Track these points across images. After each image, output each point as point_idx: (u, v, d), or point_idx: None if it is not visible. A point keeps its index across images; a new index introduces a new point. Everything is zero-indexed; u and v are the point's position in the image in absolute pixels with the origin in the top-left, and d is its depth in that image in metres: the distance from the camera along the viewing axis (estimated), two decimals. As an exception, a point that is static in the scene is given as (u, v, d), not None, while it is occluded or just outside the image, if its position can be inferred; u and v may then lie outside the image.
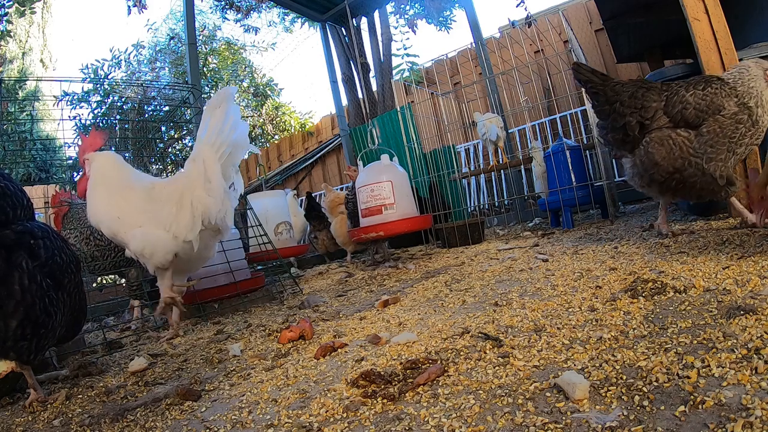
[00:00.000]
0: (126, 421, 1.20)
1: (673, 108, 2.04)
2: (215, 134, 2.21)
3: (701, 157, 1.98)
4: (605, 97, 2.20)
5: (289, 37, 11.81)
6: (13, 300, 1.28)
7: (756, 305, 1.05)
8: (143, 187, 2.24)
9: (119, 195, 2.18)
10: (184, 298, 2.97)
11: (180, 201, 2.18)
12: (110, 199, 2.17)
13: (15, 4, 6.56)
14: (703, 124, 1.99)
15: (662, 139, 2.05)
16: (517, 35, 6.63)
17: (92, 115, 8.12)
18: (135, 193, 2.20)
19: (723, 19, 2.41)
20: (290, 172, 10.45)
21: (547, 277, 1.94)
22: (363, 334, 1.62)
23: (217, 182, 2.18)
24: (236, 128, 2.26)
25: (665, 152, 2.03)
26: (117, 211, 2.15)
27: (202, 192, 2.16)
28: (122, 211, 2.16)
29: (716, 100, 1.97)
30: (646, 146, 2.10)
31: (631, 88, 2.16)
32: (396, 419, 0.91)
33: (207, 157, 2.19)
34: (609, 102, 2.19)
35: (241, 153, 2.33)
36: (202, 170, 2.18)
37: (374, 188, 3.37)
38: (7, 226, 1.36)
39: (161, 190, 2.23)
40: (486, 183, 7.13)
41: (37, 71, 14.07)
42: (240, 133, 2.28)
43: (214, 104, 2.25)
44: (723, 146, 1.96)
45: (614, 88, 2.19)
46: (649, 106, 2.09)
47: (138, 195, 2.20)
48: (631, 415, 0.75)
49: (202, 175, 2.18)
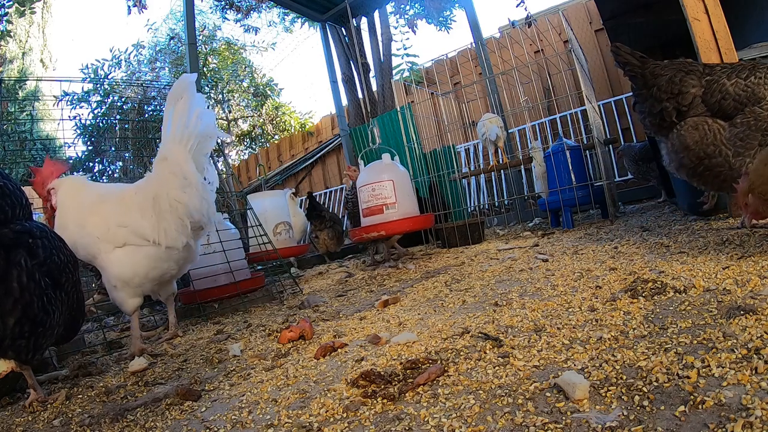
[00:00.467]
0: (126, 421, 1.20)
1: (711, 97, 1.97)
2: (181, 129, 2.05)
3: (730, 150, 1.91)
4: (643, 81, 2.13)
5: (289, 37, 11.83)
6: (12, 298, 1.28)
7: (756, 305, 1.05)
8: (115, 197, 2.08)
9: (91, 212, 2.02)
10: (184, 298, 2.99)
11: (155, 207, 2.03)
12: (84, 219, 2.00)
13: (15, 4, 6.56)
14: (738, 115, 1.91)
15: (697, 124, 1.99)
16: (517, 35, 6.63)
17: (92, 115, 8.12)
18: (108, 206, 2.04)
19: (723, 19, 2.41)
20: (290, 172, 10.46)
21: (547, 277, 1.94)
22: (363, 334, 1.62)
23: (193, 179, 2.03)
24: (202, 119, 2.09)
25: (698, 137, 1.98)
26: (94, 229, 1.98)
27: (179, 192, 2.02)
28: (99, 228, 1.98)
29: (758, 91, 1.88)
30: (679, 130, 2.04)
31: (669, 71, 2.07)
32: (396, 419, 0.91)
33: (177, 154, 2.03)
34: (647, 86, 2.12)
35: (210, 143, 2.18)
36: (175, 170, 2.03)
37: (375, 187, 3.37)
38: (6, 225, 1.36)
39: (132, 198, 2.07)
40: (486, 183, 7.12)
41: (37, 71, 14.07)
42: (206, 123, 2.13)
43: (175, 96, 2.07)
44: (754, 140, 1.88)
45: (653, 71, 2.11)
46: (687, 92, 2.01)
47: (112, 208, 2.04)
48: (631, 415, 0.75)
49: (175, 174, 2.02)
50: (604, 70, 6.89)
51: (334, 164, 9.89)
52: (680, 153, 2.05)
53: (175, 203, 2.01)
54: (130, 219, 2.02)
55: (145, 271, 2.02)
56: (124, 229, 1.99)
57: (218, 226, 2.95)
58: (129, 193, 2.10)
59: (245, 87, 11.55)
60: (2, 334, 1.28)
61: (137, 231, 2.00)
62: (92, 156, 7.17)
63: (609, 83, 6.88)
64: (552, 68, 6.42)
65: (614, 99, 6.39)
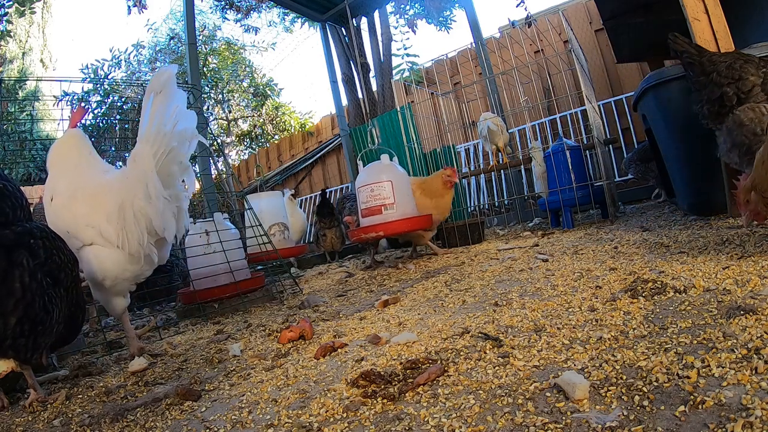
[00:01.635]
0: (126, 421, 1.20)
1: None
2: (156, 129, 1.88)
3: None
4: (701, 68, 2.15)
5: (289, 37, 11.82)
6: (14, 298, 1.29)
7: (756, 305, 1.05)
8: (89, 194, 1.91)
9: (64, 205, 1.87)
10: (185, 298, 2.99)
11: (119, 214, 1.89)
12: (62, 205, 1.86)
13: (15, 4, 6.56)
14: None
15: (753, 106, 2.01)
16: (517, 35, 6.62)
17: (92, 115, 8.12)
18: (79, 204, 1.88)
19: (723, 19, 2.41)
20: (290, 172, 10.46)
21: (547, 277, 1.94)
22: (363, 334, 1.62)
23: (154, 193, 1.87)
24: (180, 119, 1.93)
25: (753, 115, 1.99)
26: (64, 224, 1.84)
27: (143, 202, 1.87)
28: (69, 224, 1.85)
29: None
30: (735, 113, 2.06)
31: (728, 59, 2.11)
32: (396, 419, 0.91)
33: (144, 161, 1.86)
34: (705, 73, 2.14)
35: (188, 147, 2.03)
36: (140, 177, 1.87)
37: (374, 188, 3.37)
38: (7, 226, 1.37)
39: (104, 198, 1.91)
40: (486, 183, 7.12)
41: (37, 71, 14.07)
42: (185, 125, 1.97)
43: (154, 88, 1.89)
44: None
45: (711, 58, 2.15)
46: (747, 78, 2.04)
47: (82, 207, 1.87)
48: (631, 415, 0.75)
49: (141, 181, 1.87)
50: (604, 70, 6.88)
51: (334, 164, 9.89)
52: (734, 132, 2.05)
53: (140, 215, 1.89)
54: (97, 221, 1.88)
55: (114, 274, 1.90)
56: (91, 230, 1.88)
57: (218, 226, 2.95)
58: (102, 191, 1.93)
59: (245, 87, 11.55)
60: (3, 334, 1.29)
61: (103, 234, 1.88)
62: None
63: (609, 83, 6.88)
64: (552, 68, 6.42)
65: (614, 99, 6.39)
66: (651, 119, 3.07)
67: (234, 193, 6.09)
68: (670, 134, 2.83)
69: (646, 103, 3.00)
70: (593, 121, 4.07)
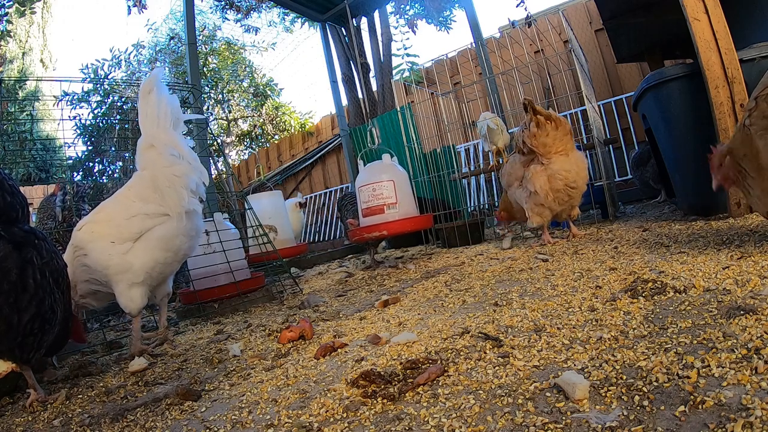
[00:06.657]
0: (126, 421, 1.20)
1: None
2: (159, 116, 2.08)
3: None
4: None
5: (289, 37, 11.77)
6: (28, 294, 1.29)
7: (756, 305, 1.05)
8: (111, 203, 2.09)
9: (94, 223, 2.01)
10: (184, 298, 2.99)
11: (156, 187, 2.05)
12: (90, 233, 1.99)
13: (15, 4, 6.56)
14: None
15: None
16: (517, 35, 6.62)
17: (92, 115, 8.12)
18: (109, 210, 2.05)
19: (723, 19, 2.41)
20: (290, 172, 10.46)
21: (547, 277, 1.94)
22: (363, 334, 1.62)
23: (184, 150, 2.10)
24: (169, 104, 2.11)
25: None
26: (103, 239, 1.96)
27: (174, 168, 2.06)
28: (110, 233, 1.97)
29: None
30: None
31: None
32: (396, 419, 0.91)
33: (162, 137, 2.07)
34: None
35: (180, 114, 2.21)
36: (163, 151, 2.07)
37: (376, 187, 3.37)
38: (15, 224, 1.37)
39: (128, 193, 2.08)
40: (486, 183, 7.12)
41: (37, 71, 14.08)
42: (172, 106, 2.14)
43: (145, 90, 2.11)
44: None
45: None
46: None
47: (114, 209, 2.04)
48: (631, 415, 0.75)
49: (164, 155, 2.07)
50: (604, 70, 6.88)
51: (334, 164, 9.89)
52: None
53: (174, 178, 2.06)
54: (136, 209, 2.04)
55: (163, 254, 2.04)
56: (134, 218, 2.01)
57: (218, 226, 2.95)
58: (122, 193, 2.11)
59: (245, 87, 11.54)
60: (16, 330, 1.28)
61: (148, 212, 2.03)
62: (92, 156, 7.17)
63: (609, 83, 6.88)
64: (552, 68, 6.42)
65: (614, 99, 6.39)
66: (651, 119, 3.07)
67: (234, 193, 6.09)
68: (670, 134, 2.83)
69: (646, 103, 3.00)
70: (593, 121, 4.07)
